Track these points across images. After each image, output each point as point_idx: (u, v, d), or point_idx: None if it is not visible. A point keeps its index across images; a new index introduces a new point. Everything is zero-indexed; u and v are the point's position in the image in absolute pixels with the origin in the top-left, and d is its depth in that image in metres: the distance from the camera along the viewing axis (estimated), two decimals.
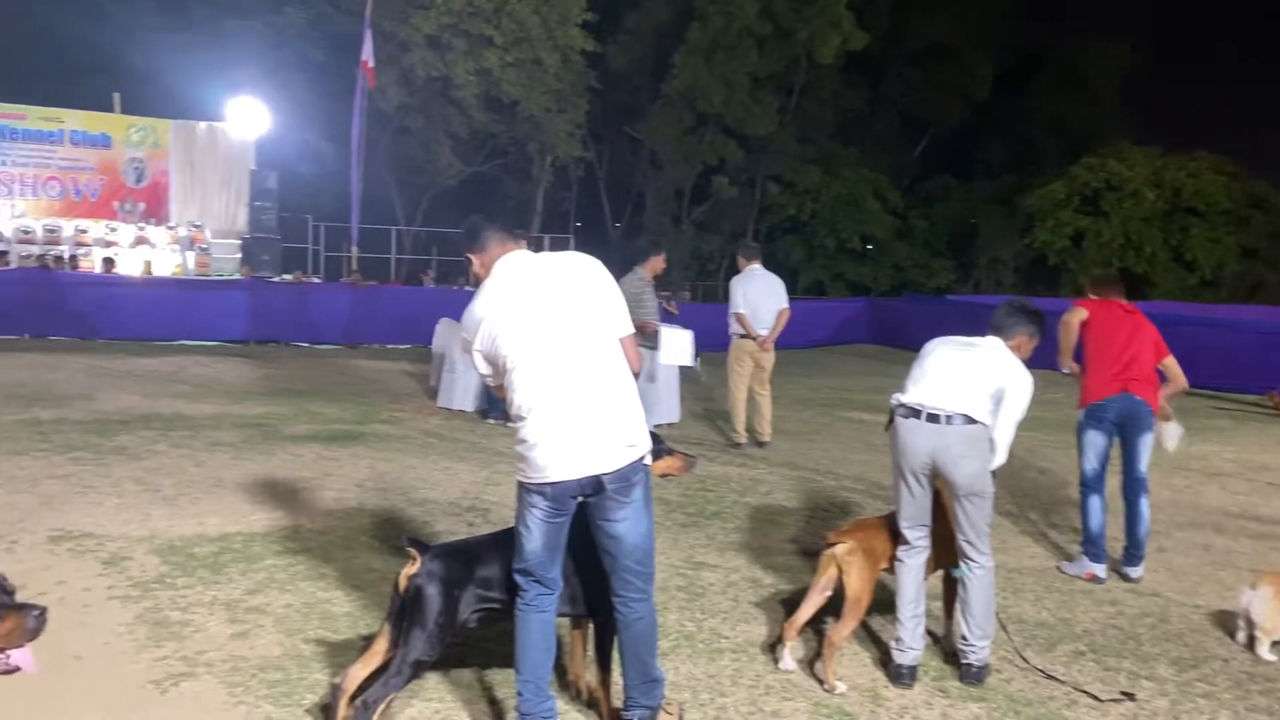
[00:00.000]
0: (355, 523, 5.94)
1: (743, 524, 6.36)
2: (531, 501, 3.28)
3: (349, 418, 9.71)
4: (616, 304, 3.40)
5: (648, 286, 8.61)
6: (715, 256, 36.11)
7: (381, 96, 24.85)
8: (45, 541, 5.25)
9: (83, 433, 8.05)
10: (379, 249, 26.85)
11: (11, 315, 15.12)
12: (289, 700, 3.62)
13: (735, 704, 3.80)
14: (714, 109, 31.11)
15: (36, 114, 20.59)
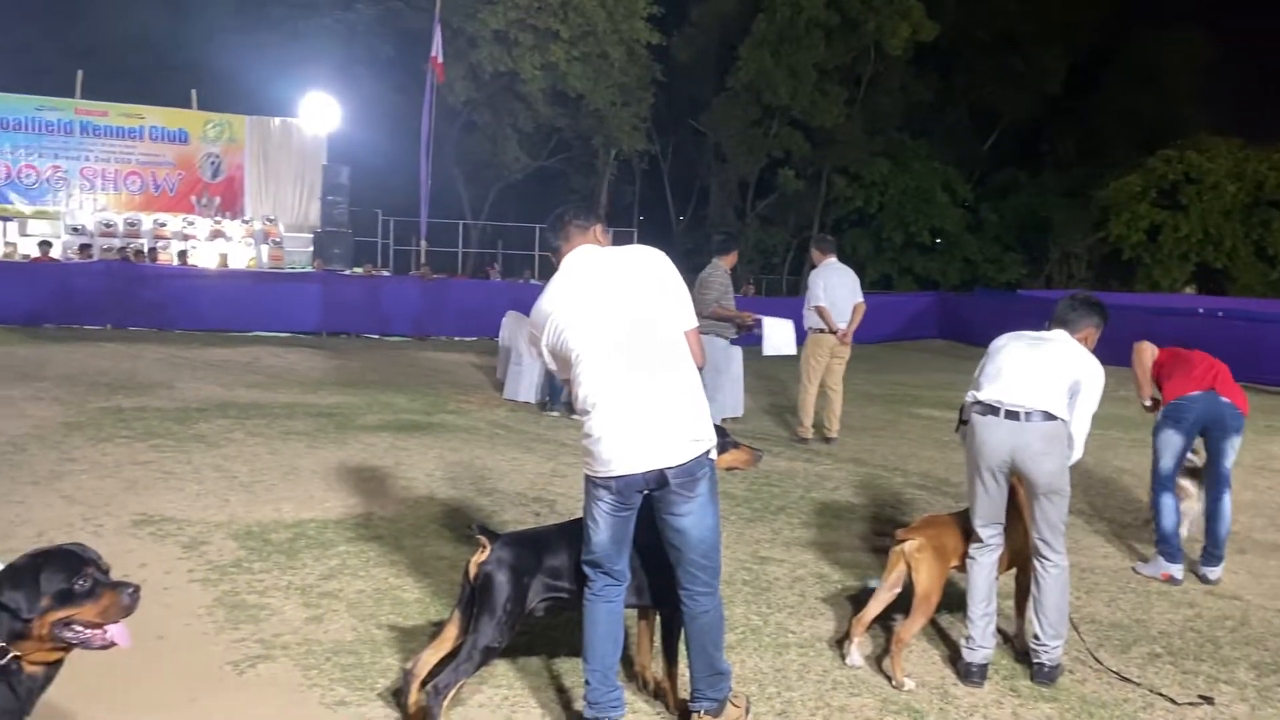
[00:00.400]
0: (425, 511, 6.04)
1: (809, 519, 6.33)
2: (597, 495, 3.31)
3: (418, 408, 9.85)
4: (681, 298, 3.41)
5: (729, 279, 8.65)
6: (779, 250, 35.88)
7: (450, 92, 25.15)
8: (129, 525, 5.42)
9: (163, 420, 8.29)
10: (446, 243, 27.19)
11: (95, 306, 15.62)
12: (362, 684, 3.70)
13: (802, 698, 3.79)
14: (780, 101, 30.88)
15: (118, 110, 21.25)
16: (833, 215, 35.24)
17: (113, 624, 2.32)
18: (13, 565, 2.32)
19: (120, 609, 2.32)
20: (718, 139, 33.29)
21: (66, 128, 20.72)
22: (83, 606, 2.29)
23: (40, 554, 2.34)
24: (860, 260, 32.39)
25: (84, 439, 7.40)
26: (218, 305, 16.42)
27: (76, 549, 2.37)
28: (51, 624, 2.26)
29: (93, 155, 20.94)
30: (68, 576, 2.28)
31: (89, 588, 2.30)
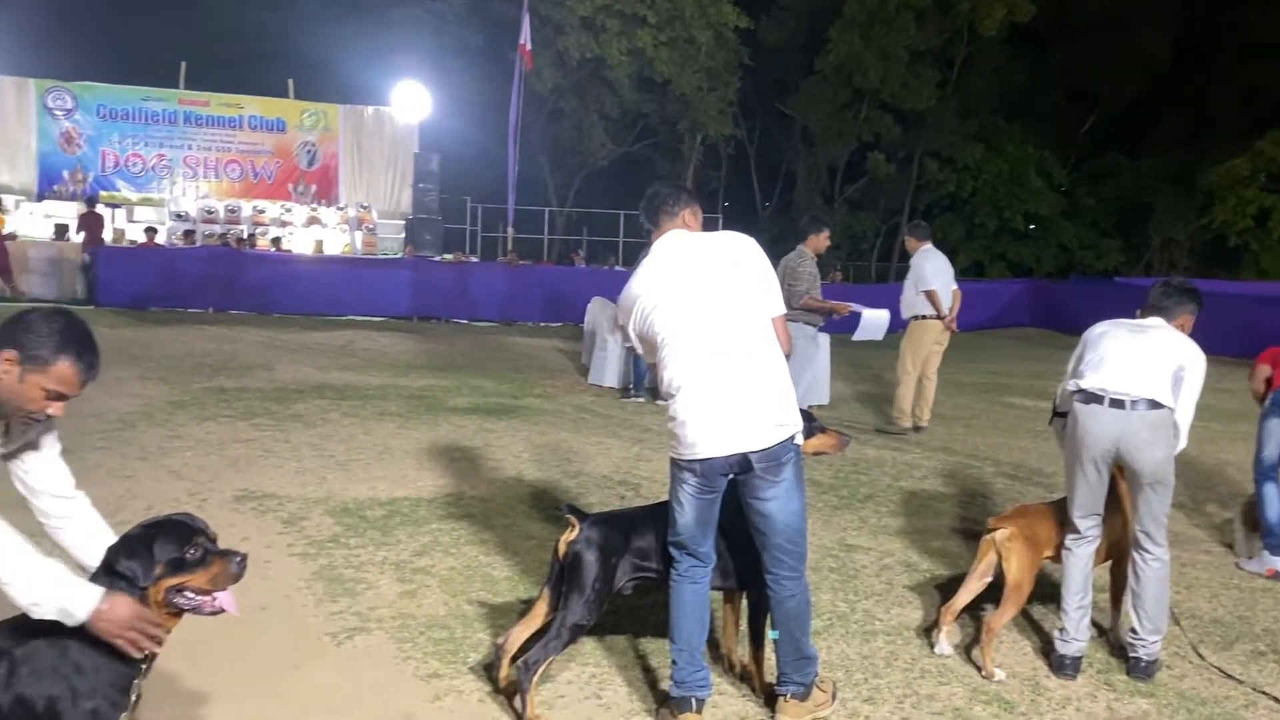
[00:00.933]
0: (514, 491, 6.14)
1: (897, 508, 6.26)
2: (682, 478, 3.33)
3: (506, 392, 10.01)
4: (769, 284, 3.40)
5: (817, 267, 8.44)
6: (869, 236, 35.37)
7: (537, 79, 25.35)
8: (231, 500, 5.63)
9: (263, 400, 8.57)
10: (533, 229, 27.46)
11: (198, 290, 16.19)
12: (454, 658, 3.79)
13: (889, 685, 3.77)
14: (870, 84, 30.37)
15: (218, 100, 21.96)
16: (923, 200, 34.58)
17: (221, 591, 2.42)
18: (127, 536, 2.43)
19: (229, 576, 2.42)
20: (805, 123, 32.90)
21: (170, 117, 21.49)
22: (194, 574, 2.39)
23: (152, 525, 2.45)
24: (952, 246, 31.68)
25: (189, 417, 7.71)
26: (314, 290, 16.87)
27: (186, 519, 2.48)
28: (165, 590, 2.36)
29: (195, 144, 21.69)
30: (179, 545, 2.39)
31: (199, 556, 2.40)
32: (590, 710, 3.46)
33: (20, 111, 20.50)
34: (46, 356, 2.40)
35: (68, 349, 2.43)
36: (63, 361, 2.42)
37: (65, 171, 20.63)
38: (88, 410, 7.54)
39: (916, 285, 8.70)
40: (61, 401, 2.47)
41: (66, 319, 2.50)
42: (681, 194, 3.54)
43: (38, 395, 2.42)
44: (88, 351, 2.48)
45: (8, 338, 2.41)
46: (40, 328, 2.42)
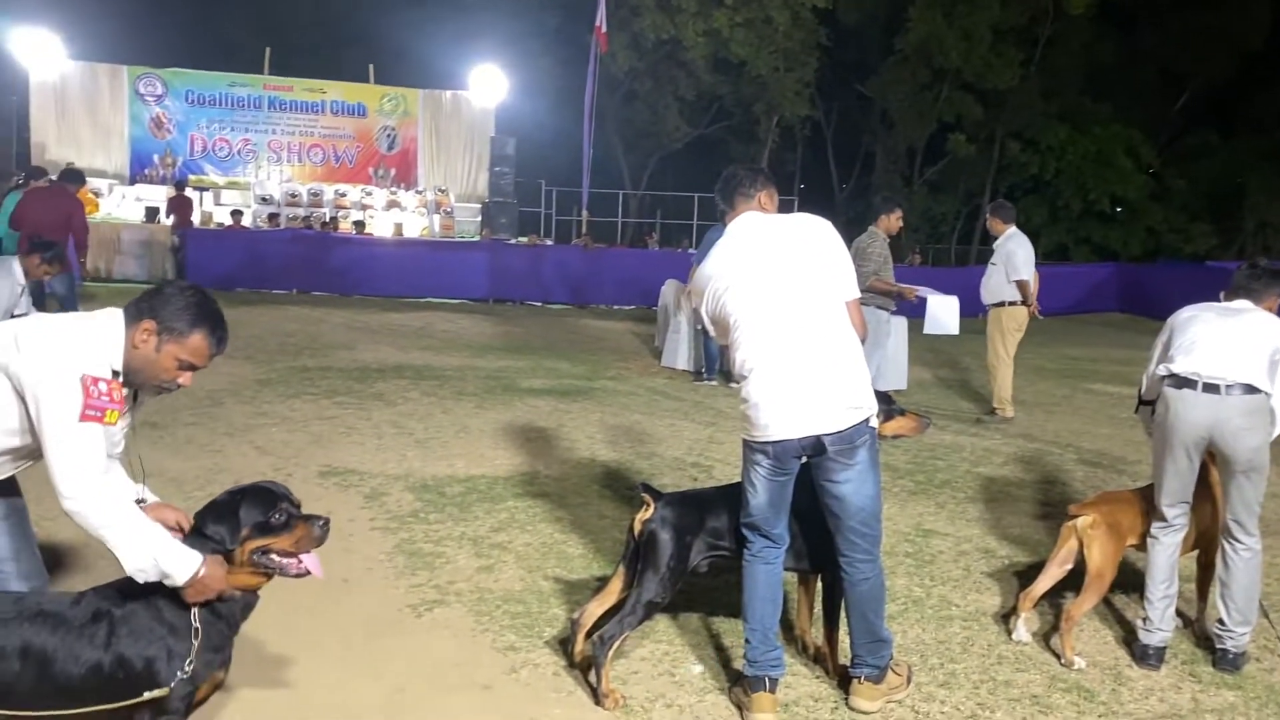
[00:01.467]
0: (588, 471, 6.20)
1: (975, 494, 6.17)
2: (755, 459, 3.33)
3: (580, 373, 10.08)
4: (845, 268, 3.38)
5: (888, 249, 8.28)
6: (948, 218, 34.72)
7: (612, 61, 25.36)
8: (315, 475, 5.78)
9: (345, 379, 8.77)
10: (606, 212, 27.54)
11: (282, 272, 16.59)
12: (530, 632, 3.86)
13: (965, 671, 3.73)
14: (951, 64, 29.73)
15: (301, 85, 22.40)
16: (1005, 182, 33.79)
17: (306, 554, 2.51)
18: (215, 501, 2.54)
19: (312, 540, 2.51)
20: (884, 104, 32.39)
21: (256, 102, 21.99)
22: (279, 537, 2.48)
23: (239, 491, 2.56)
24: (1034, 229, 30.95)
25: (274, 395, 7.92)
26: (393, 272, 17.16)
27: (270, 486, 2.58)
28: (251, 550, 2.46)
29: (279, 129, 22.17)
30: (264, 510, 2.49)
31: (284, 520, 2.50)
32: (664, 686, 3.49)
33: (113, 98, 21.17)
34: (183, 328, 2.52)
35: (203, 322, 2.55)
36: (198, 333, 2.54)
37: (155, 156, 21.25)
38: None
39: (1009, 273, 8.37)
40: (191, 372, 2.59)
41: (201, 294, 2.63)
42: (758, 176, 3.52)
43: (171, 365, 2.54)
44: (220, 326, 2.60)
45: (147, 309, 2.53)
46: (177, 300, 2.54)
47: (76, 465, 2.38)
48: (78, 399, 2.39)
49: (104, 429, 2.46)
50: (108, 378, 2.46)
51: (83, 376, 2.41)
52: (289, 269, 16.64)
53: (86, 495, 2.38)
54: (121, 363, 2.53)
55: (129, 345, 2.53)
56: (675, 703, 3.39)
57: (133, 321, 2.54)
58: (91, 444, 2.41)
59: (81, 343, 2.48)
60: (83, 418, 2.39)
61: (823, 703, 3.44)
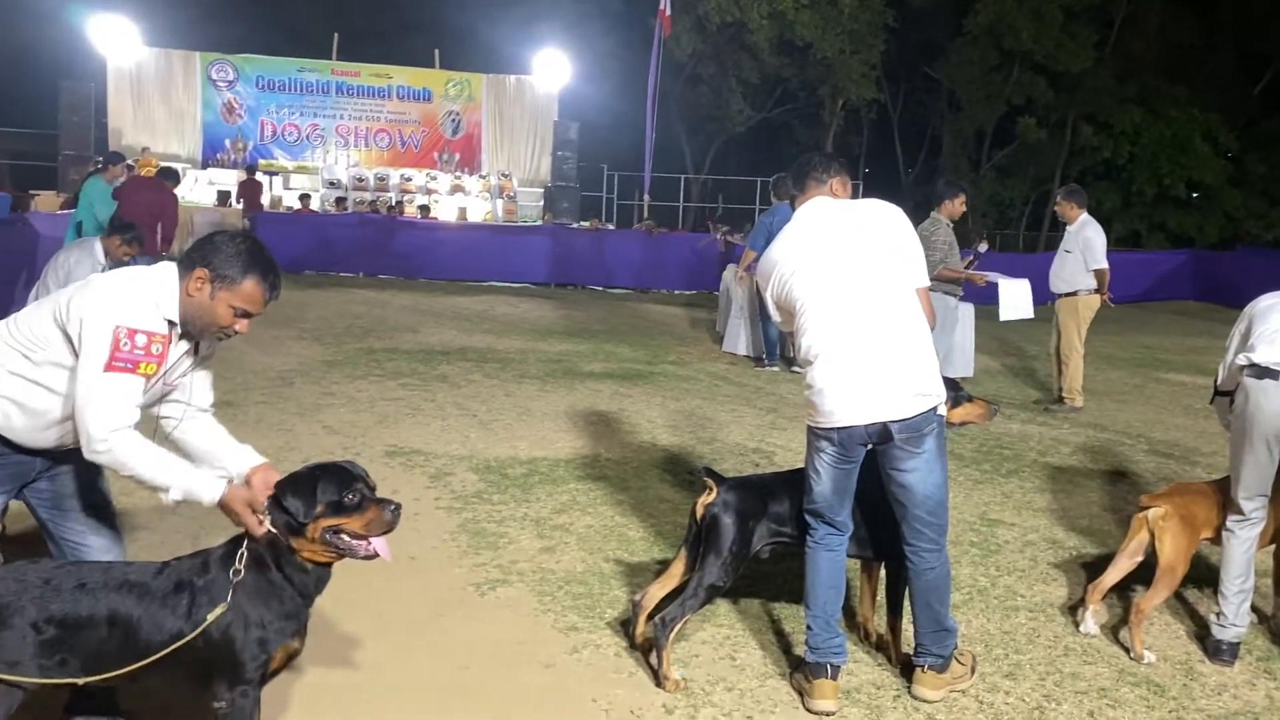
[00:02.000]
0: (648, 456, 6.22)
1: (1042, 484, 6.06)
2: (819, 446, 3.31)
3: (640, 358, 10.10)
4: (914, 255, 3.34)
5: (953, 235, 8.14)
6: (1017, 204, 34.00)
7: (676, 45, 25.23)
8: (382, 455, 5.88)
9: (410, 361, 8.90)
10: (668, 197, 27.47)
11: (349, 255, 16.84)
12: (591, 613, 3.89)
13: (1031, 662, 3.68)
14: (1022, 45, 29.02)
15: (368, 71, 22.69)
16: (1076, 167, 32.96)
17: (376, 537, 2.55)
18: (295, 474, 2.59)
19: (383, 524, 2.54)
20: (952, 86, 31.75)
21: (324, 88, 22.33)
22: (351, 518, 2.52)
23: (318, 467, 2.61)
24: (1106, 215, 30.19)
25: (341, 376, 8.07)
26: (457, 256, 17.32)
27: (349, 465, 2.62)
28: (323, 529, 2.51)
29: (346, 114, 22.49)
30: (340, 489, 2.53)
31: (357, 501, 2.54)
32: (724, 670, 3.50)
33: (187, 83, 21.66)
34: (235, 275, 2.59)
35: (254, 268, 2.62)
36: (250, 280, 2.60)
37: (227, 140, 21.71)
38: (248, 367, 7.99)
39: (1088, 261, 8.13)
40: (247, 319, 2.67)
41: (251, 241, 2.70)
42: (833, 162, 3.50)
43: (227, 312, 2.61)
44: (271, 272, 2.67)
45: (199, 257, 2.60)
46: (228, 248, 2.61)
47: (103, 412, 2.47)
48: (106, 348, 2.47)
49: (139, 381, 2.53)
50: (151, 330, 2.53)
51: (116, 327, 2.48)
52: (355, 252, 16.89)
53: (113, 440, 2.47)
54: (177, 313, 2.60)
55: (183, 294, 2.60)
56: (736, 686, 3.39)
57: (186, 271, 2.61)
58: (119, 393, 2.50)
59: (128, 295, 2.56)
60: (108, 367, 2.47)
61: (885, 690, 3.42)
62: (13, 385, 2.59)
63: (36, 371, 2.59)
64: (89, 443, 2.48)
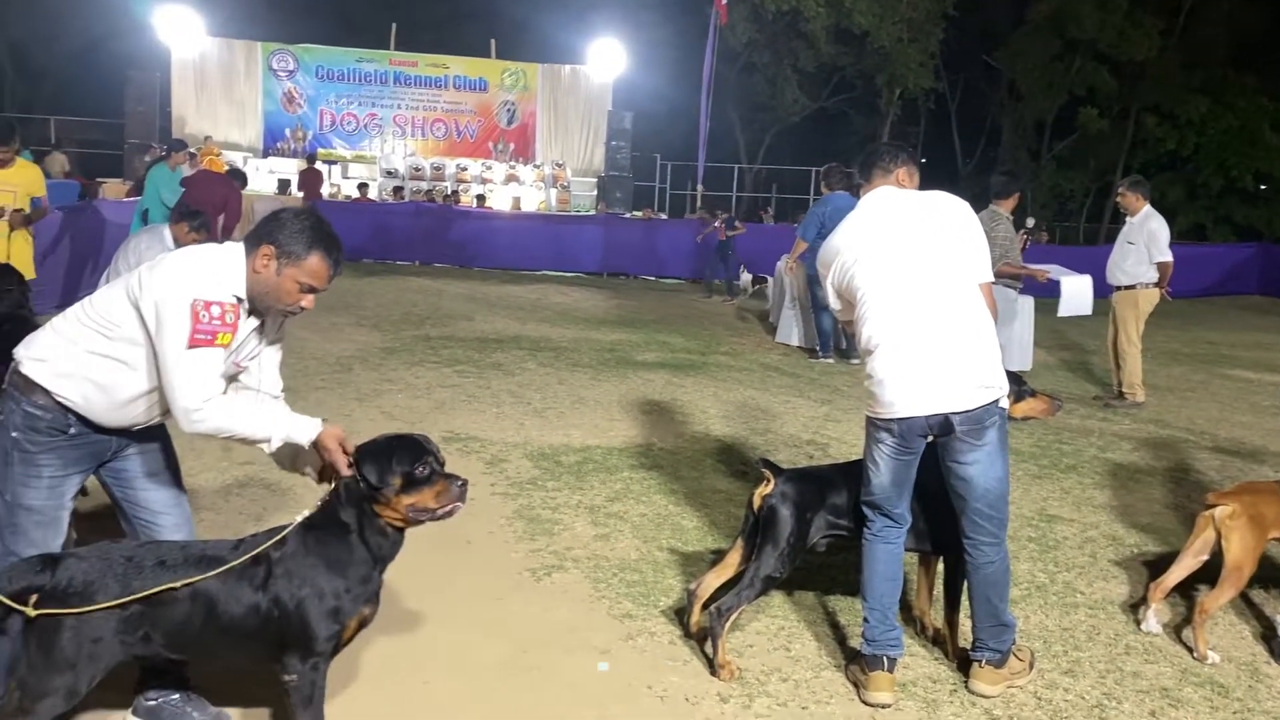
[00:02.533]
0: (701, 446, 6.22)
1: (1102, 480, 5.97)
2: (879, 437, 3.29)
3: (693, 348, 10.10)
4: (979, 249, 3.31)
5: (1013, 229, 8.00)
6: (1077, 195, 33.37)
7: (731, 33, 25.10)
8: (439, 441, 5.88)
9: (465, 349, 8.99)
10: (721, 186, 27.38)
11: (405, 244, 17.04)
12: (646, 600, 3.92)
13: (1091, 659, 3.63)
14: (1085, 34, 28.43)
15: (426, 61, 22.86)
16: (1139, 158, 32.24)
17: (443, 510, 2.61)
18: (373, 442, 2.65)
19: (450, 497, 2.61)
20: (1012, 76, 31.23)
21: (381, 78, 22.53)
22: (421, 491, 2.58)
23: (394, 438, 2.68)
24: (1169, 207, 29.50)
25: (399, 363, 8.18)
26: (511, 245, 17.44)
27: (421, 439, 2.68)
28: (407, 506, 2.58)
29: (403, 103, 22.68)
30: (412, 461, 2.59)
31: (427, 474, 2.59)
32: (779, 660, 3.50)
33: (248, 73, 21.99)
34: (300, 251, 2.65)
35: (318, 244, 2.67)
36: (315, 255, 2.66)
37: (287, 130, 22.01)
38: (309, 353, 8.12)
39: (1152, 254, 7.96)
40: (313, 294, 2.72)
41: (315, 217, 2.76)
42: (900, 152, 3.48)
43: (292, 288, 2.67)
44: (335, 247, 2.72)
45: (265, 234, 2.67)
46: (293, 224, 2.67)
47: (193, 385, 2.54)
48: (187, 324, 2.53)
49: (220, 351, 2.60)
50: (224, 301, 2.59)
51: (193, 301, 2.54)
52: (412, 241, 17.07)
53: (207, 409, 2.54)
54: (245, 289, 2.66)
55: (250, 271, 2.66)
56: (791, 677, 3.39)
57: (252, 248, 2.67)
58: (205, 365, 2.56)
59: (199, 269, 2.62)
60: (191, 343, 2.53)
61: (941, 684, 3.41)
62: (91, 365, 2.66)
63: (112, 348, 2.65)
64: (185, 417, 2.55)
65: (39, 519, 2.70)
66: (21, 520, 2.69)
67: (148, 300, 2.58)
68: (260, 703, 2.94)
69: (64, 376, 2.66)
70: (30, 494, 2.69)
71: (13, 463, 2.68)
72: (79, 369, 2.67)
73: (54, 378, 2.66)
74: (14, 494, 2.68)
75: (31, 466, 2.68)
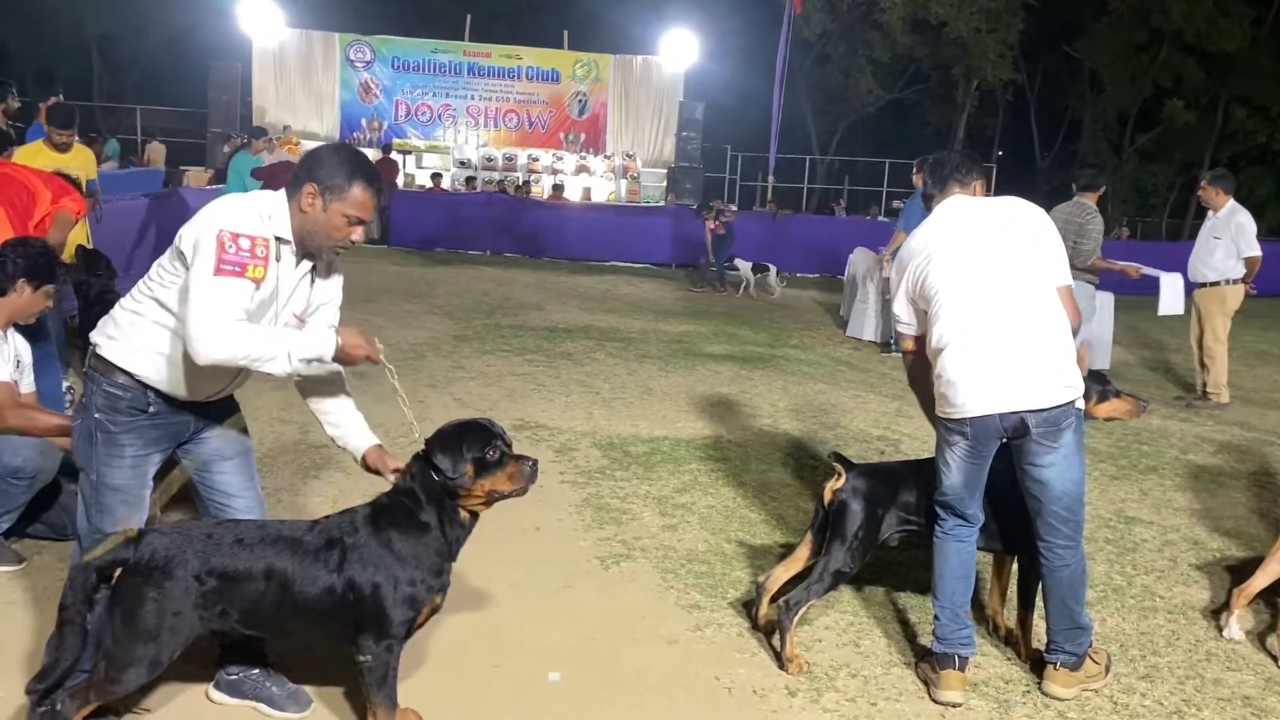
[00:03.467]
0: (769, 439, 6.20)
1: (1183, 482, 5.81)
2: (950, 439, 3.24)
3: (762, 340, 10.06)
4: (1056, 253, 3.27)
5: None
6: (1160, 190, 32.45)
7: (805, 24, 24.88)
8: (509, 428, 5.92)
9: (535, 338, 9.07)
10: (792, 178, 27.18)
11: (477, 233, 17.21)
12: (714, 592, 3.92)
13: (1169, 665, 3.55)
14: (1172, 24, 27.64)
15: (499, 52, 23.05)
16: (1227, 152, 31.24)
17: (517, 489, 2.64)
18: (441, 431, 2.70)
19: (523, 477, 2.66)
20: (1095, 67, 30.47)
21: (456, 69, 22.77)
22: (495, 475, 2.62)
23: (461, 425, 2.72)
24: (1258, 202, 28.54)
25: (471, 350, 8.28)
26: (581, 236, 17.50)
27: (487, 423, 2.72)
28: (488, 491, 2.64)
29: (477, 94, 22.90)
30: (482, 446, 2.63)
31: (498, 457, 2.63)
32: (848, 656, 3.48)
33: (326, 64, 22.39)
34: (343, 183, 2.68)
35: (358, 174, 2.70)
36: (357, 186, 2.69)
37: (363, 120, 22.38)
38: (384, 340, 8.12)
39: (1241, 248, 7.71)
40: (361, 226, 2.74)
41: (351, 150, 2.80)
42: (975, 165, 3.45)
43: (341, 222, 2.70)
44: (375, 177, 2.75)
45: (306, 174, 2.69)
46: (331, 159, 2.71)
47: (210, 310, 2.51)
48: (213, 253, 2.53)
49: (247, 284, 2.57)
50: (254, 234, 2.59)
51: (220, 232, 2.55)
52: (484, 231, 17.24)
53: (221, 336, 2.51)
54: (291, 231, 2.69)
55: (296, 211, 2.69)
56: (860, 673, 3.37)
57: (295, 190, 2.68)
58: (227, 294, 2.53)
59: (231, 206, 2.64)
60: (216, 271, 2.53)
61: (1014, 685, 3.35)
62: (154, 336, 2.72)
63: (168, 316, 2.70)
64: (197, 342, 2.51)
65: (124, 497, 2.79)
66: (108, 499, 2.78)
67: (188, 243, 2.61)
68: (336, 680, 3.01)
69: (133, 352, 2.73)
70: (114, 473, 2.77)
71: (96, 443, 2.76)
72: (145, 343, 2.72)
73: (125, 354, 2.73)
74: (99, 473, 2.77)
75: (114, 446, 2.76)
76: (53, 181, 5.51)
